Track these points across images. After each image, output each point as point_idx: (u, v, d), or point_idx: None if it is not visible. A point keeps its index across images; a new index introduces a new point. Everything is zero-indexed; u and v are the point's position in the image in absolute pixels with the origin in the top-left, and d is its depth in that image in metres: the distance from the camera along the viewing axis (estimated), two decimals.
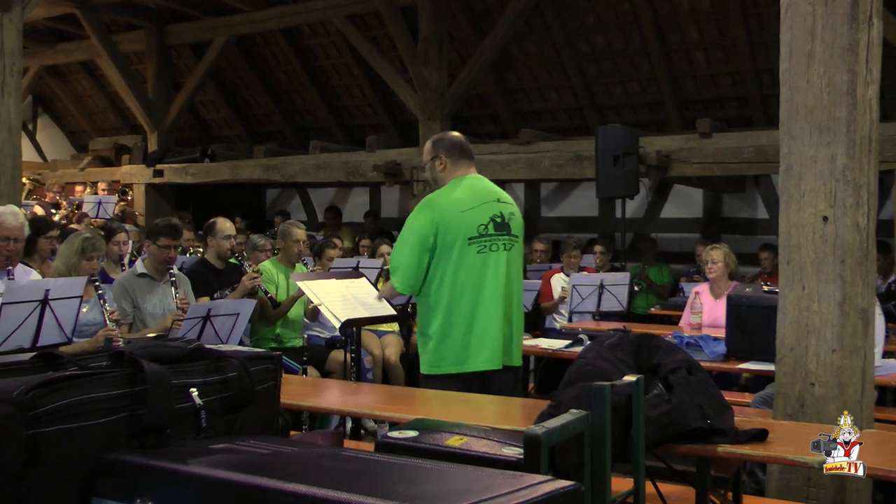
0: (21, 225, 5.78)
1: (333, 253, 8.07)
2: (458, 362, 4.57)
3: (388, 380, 7.83)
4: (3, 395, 1.73)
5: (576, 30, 12.83)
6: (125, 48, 15.92)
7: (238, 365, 2.12)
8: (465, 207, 4.60)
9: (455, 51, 13.28)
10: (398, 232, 13.83)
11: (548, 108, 14.11)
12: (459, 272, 4.54)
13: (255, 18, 14.18)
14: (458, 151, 4.76)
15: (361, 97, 15.54)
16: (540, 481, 1.69)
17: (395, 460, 1.85)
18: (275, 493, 1.55)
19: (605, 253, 10.16)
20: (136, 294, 6.27)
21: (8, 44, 7.81)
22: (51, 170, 17.85)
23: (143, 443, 1.88)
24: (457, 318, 4.55)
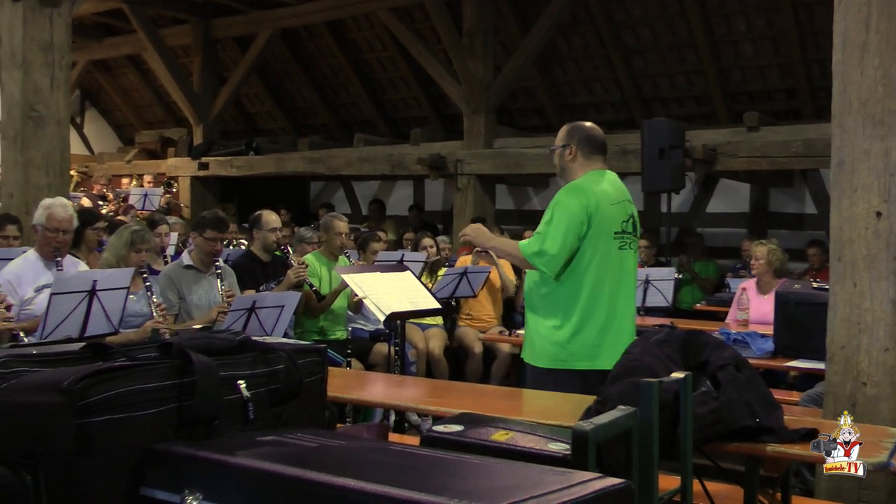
0: (70, 217, 5.84)
1: (378, 246, 8.07)
2: (589, 358, 4.39)
3: (431, 373, 7.84)
4: (53, 384, 1.74)
5: (622, 22, 12.74)
6: (171, 42, 16.05)
7: (285, 357, 2.11)
8: (613, 200, 4.48)
9: (500, 43, 13.24)
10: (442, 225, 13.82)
11: (593, 102, 14.02)
12: (603, 265, 4.41)
13: (300, 12, 14.22)
14: (592, 146, 4.60)
15: (406, 90, 15.54)
16: (589, 478, 1.66)
17: (442, 455, 1.84)
18: (323, 487, 1.53)
19: (649, 247, 10.09)
20: (182, 286, 6.30)
21: (57, 39, 7.88)
22: (98, 162, 18.07)
23: (192, 434, 1.87)
24: (595, 312, 4.40)
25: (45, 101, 7.83)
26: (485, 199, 12.38)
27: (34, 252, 5.86)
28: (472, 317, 8.59)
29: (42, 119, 7.82)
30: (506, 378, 8.28)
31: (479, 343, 8.23)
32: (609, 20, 12.68)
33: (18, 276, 5.67)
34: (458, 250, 10.63)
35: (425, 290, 5.90)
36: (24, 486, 1.71)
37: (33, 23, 7.72)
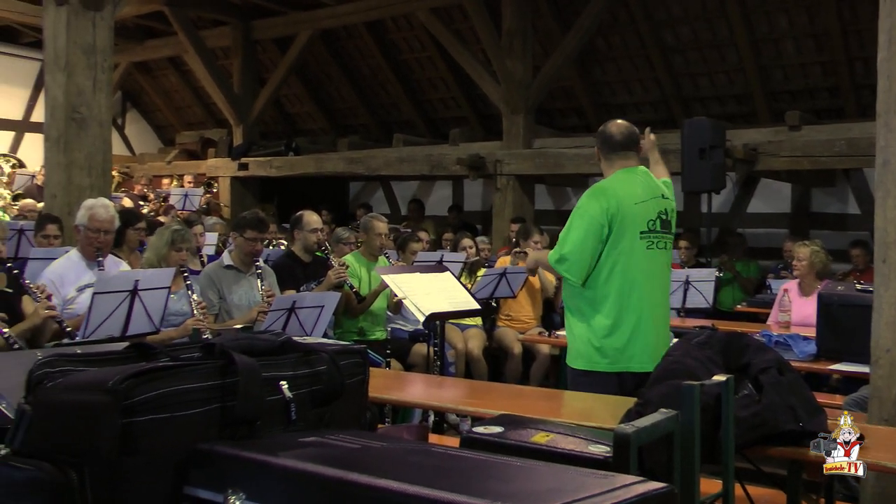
0: (111, 217, 5.89)
1: (417, 246, 8.08)
2: (622, 360, 4.37)
3: (470, 374, 7.83)
4: (98, 384, 1.76)
5: (662, 21, 12.66)
6: (211, 44, 16.15)
7: (327, 358, 2.12)
8: (637, 200, 4.44)
9: (539, 43, 13.20)
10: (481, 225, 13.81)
11: (632, 101, 13.96)
12: (630, 266, 4.38)
13: (340, 12, 14.26)
14: (609, 146, 4.58)
15: (445, 90, 15.54)
16: (632, 482, 1.66)
17: (483, 457, 1.83)
18: (366, 489, 1.54)
19: (689, 248, 10.02)
20: (223, 285, 6.33)
21: (100, 42, 7.95)
22: (139, 163, 18.22)
23: (234, 434, 1.89)
24: (625, 315, 4.37)
25: (87, 103, 7.90)
26: (524, 200, 12.35)
27: (76, 252, 5.92)
28: (511, 317, 8.57)
29: (85, 121, 7.88)
30: (545, 379, 8.26)
31: (518, 344, 8.22)
32: (649, 19, 12.61)
33: (61, 276, 5.72)
34: (497, 251, 10.63)
35: (465, 290, 5.90)
36: (69, 483, 1.73)
37: (76, 26, 7.79)
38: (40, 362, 1.92)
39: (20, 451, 1.84)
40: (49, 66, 7.99)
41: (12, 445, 1.85)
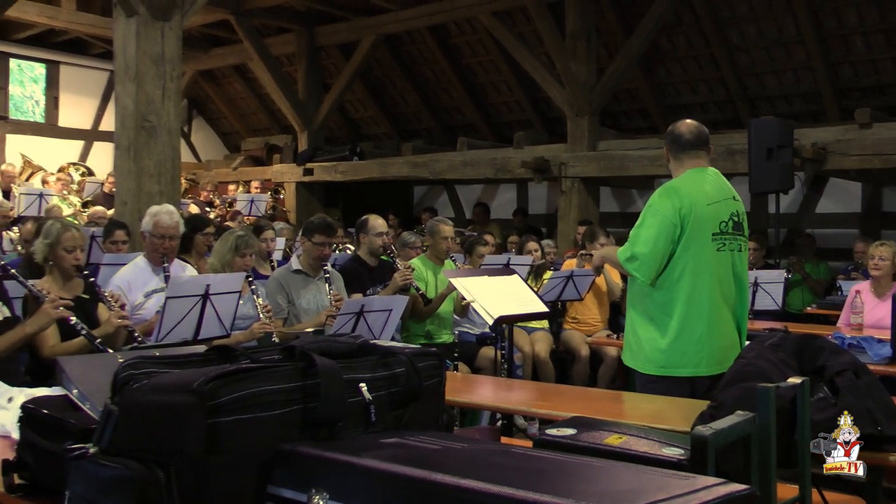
0: (176, 224, 5.96)
1: (484, 250, 8.08)
2: (691, 365, 4.31)
3: (537, 377, 7.81)
4: (184, 385, 1.79)
5: (726, 19, 12.55)
6: (276, 51, 16.34)
7: (406, 361, 2.14)
8: (710, 200, 4.38)
9: (603, 45, 13.17)
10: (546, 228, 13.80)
11: (698, 101, 13.85)
12: (701, 268, 4.31)
13: (403, 17, 14.34)
14: (680, 146, 4.51)
15: (509, 94, 15.55)
16: (714, 483, 1.65)
17: (563, 458, 1.83)
18: (449, 489, 1.54)
19: (757, 249, 9.92)
20: (291, 290, 6.37)
21: (168, 51, 8.07)
22: (205, 169, 18.49)
23: (316, 435, 1.91)
24: (696, 317, 4.30)
25: (156, 111, 8.02)
26: (589, 202, 12.32)
27: (143, 258, 6.00)
28: (578, 320, 8.54)
29: (154, 129, 8.01)
30: (612, 382, 8.22)
31: (585, 346, 8.19)
32: (713, 18, 12.51)
33: (129, 282, 5.80)
34: (563, 253, 10.60)
35: (533, 293, 5.88)
36: (157, 481, 1.77)
37: (146, 36, 7.92)
38: (125, 364, 1.96)
39: (107, 449, 1.88)
40: (119, 76, 8.12)
41: (100, 444, 1.89)
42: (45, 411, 2.45)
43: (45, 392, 3.26)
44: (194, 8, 8.39)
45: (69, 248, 5.04)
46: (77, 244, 5.08)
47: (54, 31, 16.32)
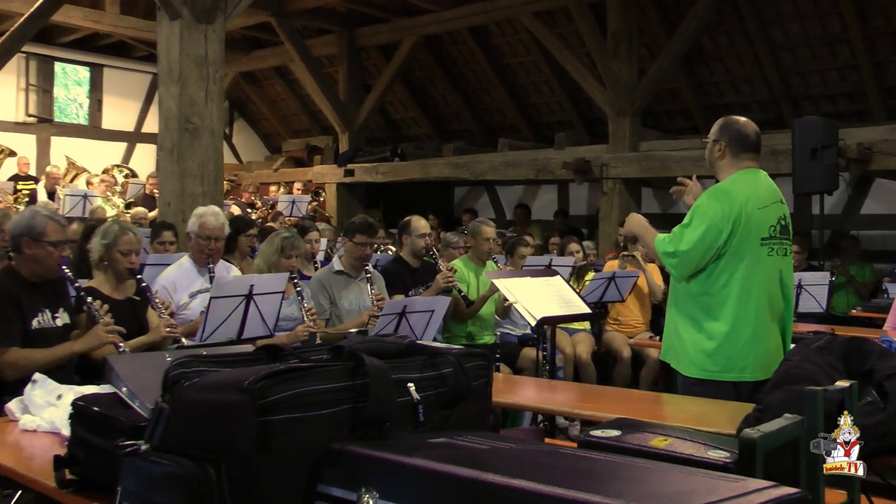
0: (221, 225, 5.99)
1: (525, 251, 8.05)
2: (735, 370, 4.24)
3: (579, 378, 7.79)
4: (235, 383, 1.81)
5: (770, 18, 12.45)
6: (317, 52, 16.41)
7: (453, 361, 2.14)
8: (761, 204, 4.30)
9: (644, 45, 13.11)
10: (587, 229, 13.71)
11: (740, 102, 13.73)
12: (749, 273, 4.24)
13: (444, 18, 14.35)
14: (742, 144, 4.39)
15: (550, 94, 15.52)
16: (764, 486, 1.63)
17: (613, 459, 1.83)
18: (500, 489, 1.54)
19: (800, 252, 9.82)
20: (333, 290, 6.40)
21: (211, 53, 8.13)
22: (246, 171, 18.61)
23: (364, 435, 1.92)
24: (742, 322, 4.23)
25: (199, 113, 8.09)
26: (630, 203, 12.25)
27: (188, 259, 6.04)
28: (620, 322, 8.51)
29: (197, 130, 8.07)
30: (654, 384, 8.17)
31: (627, 348, 8.16)
32: (757, 17, 12.41)
33: (174, 283, 5.84)
34: (605, 254, 10.56)
35: (575, 294, 5.87)
36: (208, 478, 1.78)
37: (189, 39, 7.99)
38: (175, 363, 1.98)
39: (159, 447, 1.91)
40: (162, 78, 8.20)
41: (151, 442, 1.91)
42: (95, 409, 2.48)
43: (94, 390, 3.30)
44: (237, 10, 8.44)
45: (125, 251, 5.06)
46: (133, 248, 5.10)
47: (98, 35, 16.50)
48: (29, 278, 4.59)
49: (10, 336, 4.39)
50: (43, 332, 4.55)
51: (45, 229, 4.53)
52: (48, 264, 4.57)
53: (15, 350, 4.39)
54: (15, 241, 4.57)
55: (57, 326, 4.64)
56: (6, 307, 4.43)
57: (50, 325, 4.60)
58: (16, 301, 4.47)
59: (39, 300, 4.61)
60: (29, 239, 4.51)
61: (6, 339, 4.36)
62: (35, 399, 3.46)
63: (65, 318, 4.72)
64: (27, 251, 4.53)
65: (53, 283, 4.74)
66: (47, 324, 4.59)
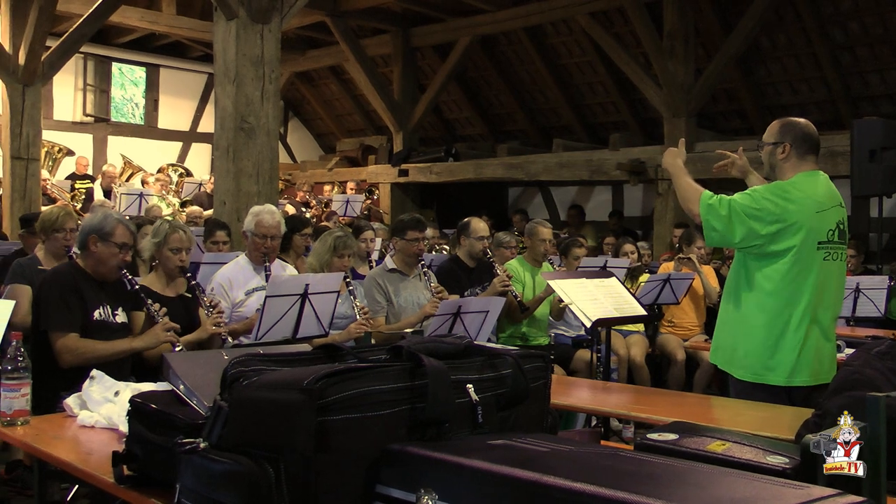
0: (277, 224, 6.02)
1: (580, 252, 8.01)
2: (786, 374, 4.18)
3: (632, 380, 7.74)
4: (294, 383, 1.81)
5: (829, 16, 12.28)
6: (371, 52, 16.47)
7: (512, 362, 2.13)
8: (820, 208, 4.21)
9: (701, 44, 12.99)
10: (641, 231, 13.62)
11: (798, 102, 13.56)
12: (804, 276, 4.17)
13: (499, 18, 14.34)
14: (807, 145, 4.30)
15: (605, 95, 15.43)
16: (830, 494, 1.60)
17: (675, 463, 1.80)
18: (562, 492, 1.52)
19: (855, 255, 9.67)
20: (389, 288, 6.41)
21: (267, 53, 8.17)
22: (301, 170, 18.73)
23: (423, 435, 1.91)
24: (797, 326, 4.17)
25: (255, 112, 8.12)
26: None
27: (244, 257, 6.07)
28: (674, 324, 8.44)
29: (253, 130, 8.11)
30: (707, 387, 8.10)
31: (681, 350, 8.09)
32: (816, 15, 12.25)
33: (230, 280, 5.88)
34: (660, 256, 10.49)
35: (631, 296, 5.83)
36: (267, 477, 1.79)
37: (245, 39, 8.03)
38: (234, 361, 1.98)
39: (217, 445, 1.91)
40: (219, 78, 8.24)
41: (209, 439, 1.92)
42: (153, 406, 2.50)
43: (150, 387, 3.33)
44: (293, 10, 8.47)
45: (175, 248, 5.15)
46: (183, 245, 5.18)
47: (154, 36, 16.71)
48: (90, 274, 4.76)
49: (71, 323, 4.54)
50: (103, 324, 4.70)
51: (114, 230, 4.72)
52: (111, 264, 4.74)
53: (75, 337, 4.53)
54: (83, 237, 4.76)
55: (116, 322, 4.78)
56: (68, 295, 4.58)
57: (110, 319, 4.75)
58: (78, 292, 4.63)
59: (101, 295, 4.76)
60: (97, 237, 4.70)
61: (66, 326, 4.51)
62: (93, 395, 3.50)
63: (123, 317, 4.86)
64: (93, 248, 4.71)
65: (113, 283, 4.87)
66: (107, 317, 4.74)
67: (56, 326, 4.51)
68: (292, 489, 1.78)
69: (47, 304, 4.55)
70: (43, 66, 11.76)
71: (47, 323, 4.53)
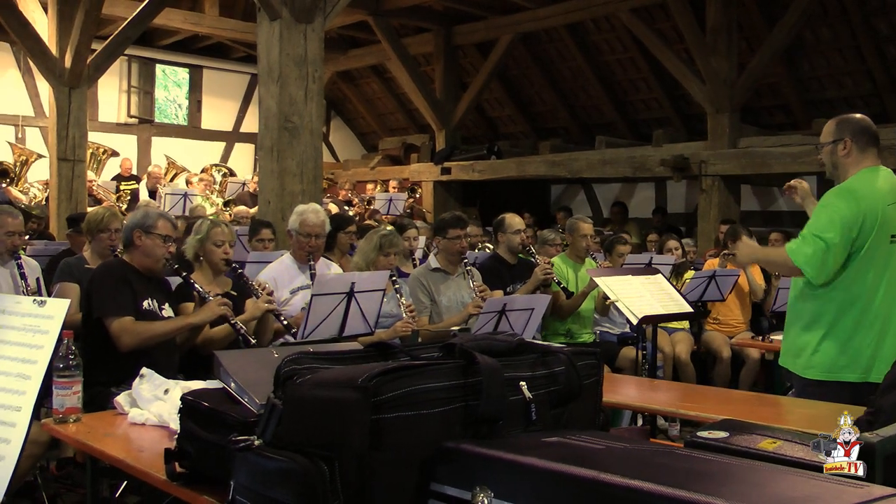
0: (322, 222, 6.04)
1: (624, 249, 7.97)
2: (861, 370, 4.10)
3: (677, 378, 7.70)
4: (348, 381, 1.81)
5: (875, 9, 12.10)
6: (413, 50, 16.48)
7: (565, 360, 2.12)
8: (889, 201, 4.14)
9: (744, 39, 12.88)
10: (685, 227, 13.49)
11: (843, 96, 13.39)
12: (879, 273, 4.10)
13: (540, 15, 14.29)
14: (867, 138, 4.23)
15: (647, 91, 15.34)
16: (891, 493, 1.57)
17: (730, 461, 1.79)
18: (620, 490, 1.51)
19: None
20: (432, 287, 6.41)
21: (311, 53, 8.20)
22: (343, 169, 18.76)
23: (477, 433, 1.91)
24: (869, 322, 4.10)
25: (299, 112, 8.15)
26: (729, 201, 12.07)
27: (289, 256, 6.09)
28: (719, 321, 8.38)
29: (296, 129, 8.14)
30: (753, 385, 8.03)
31: (727, 348, 8.03)
32: (861, 8, 12.09)
33: (275, 279, 5.89)
34: (704, 253, 10.42)
35: (677, 293, 5.80)
36: (321, 475, 1.79)
37: (289, 39, 8.06)
38: (288, 359, 1.99)
39: (271, 442, 1.92)
40: (262, 78, 8.28)
41: (263, 437, 1.93)
42: (205, 404, 2.51)
43: (200, 385, 3.36)
44: (336, 9, 8.49)
45: (218, 242, 5.22)
46: (226, 238, 5.25)
47: (197, 37, 16.81)
48: (138, 269, 4.86)
49: (125, 306, 4.64)
50: (152, 315, 4.77)
51: (155, 223, 4.85)
52: (156, 256, 4.85)
53: (130, 319, 4.62)
54: (128, 233, 4.89)
55: (163, 317, 4.85)
56: (120, 285, 4.70)
57: (157, 311, 4.83)
58: (127, 282, 4.73)
59: (149, 288, 4.86)
60: (141, 231, 4.83)
61: (121, 310, 4.61)
62: (143, 393, 3.53)
63: (170, 312, 4.94)
64: (138, 242, 4.84)
65: (158, 280, 5.01)
66: (155, 309, 4.83)
67: (111, 311, 4.60)
68: (347, 487, 1.78)
69: (100, 291, 4.65)
70: (88, 68, 11.87)
71: (102, 309, 4.62)
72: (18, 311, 2.57)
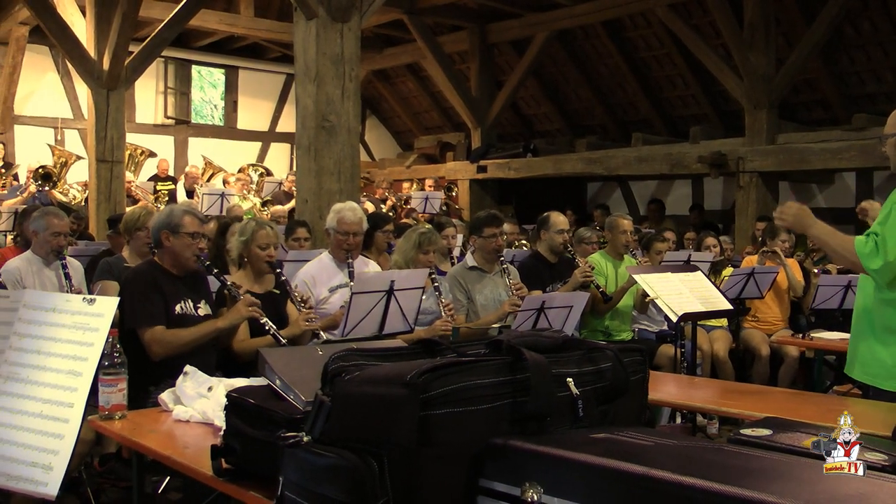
0: (360, 220, 6.06)
1: (662, 246, 7.95)
2: None
3: (716, 375, 7.66)
4: (397, 377, 1.82)
5: None
6: (449, 49, 16.48)
7: (612, 356, 2.12)
8: None
9: (782, 34, 12.78)
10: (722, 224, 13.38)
11: (883, 91, 13.25)
12: None
13: (576, 13, 14.26)
14: None
15: (684, 87, 15.26)
16: None
17: (781, 458, 1.78)
18: (672, 486, 1.51)
19: None
20: (468, 286, 6.42)
21: (347, 51, 8.23)
22: (379, 168, 18.82)
23: (525, 429, 1.91)
24: None
25: (336, 111, 8.18)
26: (767, 197, 11.98)
27: (327, 254, 6.12)
28: (758, 319, 8.33)
29: (334, 128, 8.17)
30: (792, 383, 7.98)
31: (765, 345, 7.98)
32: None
33: (314, 277, 5.93)
34: (742, 250, 10.36)
35: (716, 290, 5.77)
36: (370, 471, 1.80)
37: (325, 38, 8.09)
38: (335, 357, 2.00)
39: (320, 439, 1.93)
40: (299, 78, 8.32)
41: (312, 434, 1.94)
42: (251, 401, 2.53)
43: (242, 382, 3.39)
44: (372, 8, 8.52)
45: (263, 245, 5.23)
46: (271, 241, 5.27)
47: (233, 38, 16.91)
48: (171, 270, 4.86)
49: (155, 316, 4.64)
50: (185, 318, 4.77)
51: (181, 221, 4.82)
52: (186, 254, 4.83)
53: (161, 329, 4.62)
54: (156, 235, 4.88)
55: (199, 315, 4.85)
56: (149, 292, 4.69)
57: (192, 312, 4.83)
58: (158, 288, 4.72)
59: (182, 289, 4.86)
60: (167, 231, 4.81)
61: (151, 319, 4.61)
62: (186, 390, 3.56)
63: (206, 310, 4.94)
64: (167, 243, 4.83)
65: (194, 276, 4.98)
66: (189, 311, 4.82)
67: (142, 322, 4.60)
68: (396, 483, 1.79)
69: (131, 302, 4.63)
70: (126, 70, 11.97)
71: (133, 320, 4.62)
72: (69, 310, 2.61)
